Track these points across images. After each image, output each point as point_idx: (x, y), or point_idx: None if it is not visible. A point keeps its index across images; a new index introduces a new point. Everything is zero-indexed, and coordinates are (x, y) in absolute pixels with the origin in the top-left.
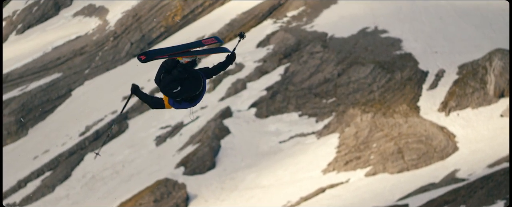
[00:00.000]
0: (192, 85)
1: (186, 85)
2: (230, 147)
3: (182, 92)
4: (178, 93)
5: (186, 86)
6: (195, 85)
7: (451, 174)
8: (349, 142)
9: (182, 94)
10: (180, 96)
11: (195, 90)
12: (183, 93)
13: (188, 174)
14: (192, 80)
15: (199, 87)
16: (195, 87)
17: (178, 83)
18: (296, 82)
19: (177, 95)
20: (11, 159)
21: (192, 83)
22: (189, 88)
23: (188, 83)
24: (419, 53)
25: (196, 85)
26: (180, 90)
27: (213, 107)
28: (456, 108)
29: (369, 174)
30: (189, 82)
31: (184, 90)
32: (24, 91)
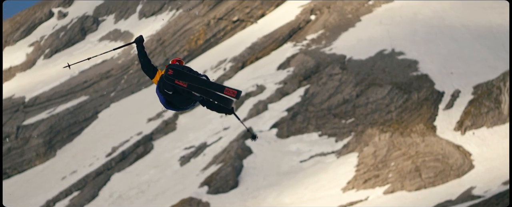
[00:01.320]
0: (181, 101)
1: (177, 98)
2: (252, 167)
3: (170, 97)
4: (166, 95)
5: (176, 98)
6: (183, 103)
7: (467, 191)
8: (367, 161)
9: (169, 97)
10: (166, 98)
11: (180, 105)
12: (170, 98)
13: (212, 193)
14: (185, 99)
15: (184, 106)
16: (182, 104)
17: (173, 91)
18: (316, 103)
19: (164, 94)
20: (40, 179)
21: (183, 101)
22: (177, 101)
23: (180, 97)
24: (435, 74)
25: (184, 103)
26: (169, 95)
27: (236, 128)
28: (472, 127)
29: (387, 192)
30: (181, 97)
31: (172, 98)
32: (52, 113)
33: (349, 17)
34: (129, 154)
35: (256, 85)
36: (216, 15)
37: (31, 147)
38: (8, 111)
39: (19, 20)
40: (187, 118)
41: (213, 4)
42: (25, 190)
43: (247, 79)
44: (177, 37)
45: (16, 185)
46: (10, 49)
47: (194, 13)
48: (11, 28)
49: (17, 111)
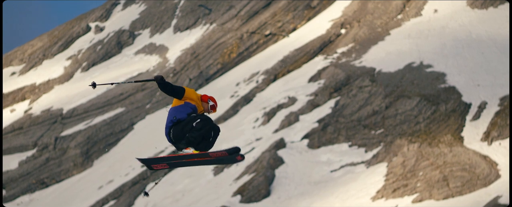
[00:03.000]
0: (180, 137)
1: (179, 137)
2: (284, 176)
3: (172, 136)
4: (169, 132)
5: (179, 137)
6: (179, 137)
7: (493, 200)
8: (396, 171)
9: (170, 135)
10: (169, 133)
11: (176, 140)
12: (172, 136)
13: (245, 202)
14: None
15: (179, 144)
16: (178, 139)
17: (181, 136)
18: (346, 114)
19: (168, 132)
20: (77, 189)
21: (181, 140)
22: (176, 137)
23: (182, 138)
24: (463, 86)
25: (178, 138)
26: (173, 133)
27: (268, 138)
28: (498, 137)
29: (416, 201)
30: (183, 138)
31: (173, 134)
32: (89, 125)
33: (379, 30)
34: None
35: (288, 97)
36: (249, 29)
37: (69, 157)
38: (47, 122)
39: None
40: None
41: (246, 19)
42: (63, 199)
43: (279, 91)
44: (211, 51)
45: (54, 195)
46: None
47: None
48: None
49: (55, 123)
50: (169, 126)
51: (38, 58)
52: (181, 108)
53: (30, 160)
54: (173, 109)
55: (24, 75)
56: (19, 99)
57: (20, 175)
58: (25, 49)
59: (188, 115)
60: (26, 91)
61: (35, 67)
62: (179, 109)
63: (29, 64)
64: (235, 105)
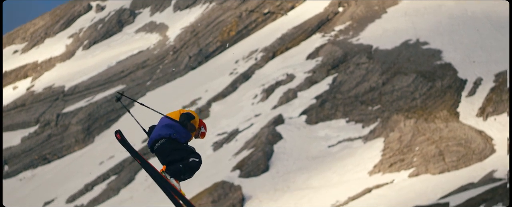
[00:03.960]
0: (165, 155)
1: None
2: (282, 152)
3: (157, 147)
4: (156, 140)
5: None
6: (165, 155)
7: (489, 174)
8: (393, 146)
9: (155, 145)
10: (155, 142)
11: (159, 154)
12: (157, 147)
13: (244, 176)
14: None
15: (159, 157)
16: (162, 155)
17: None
18: (343, 91)
19: (155, 140)
20: (79, 164)
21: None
22: (162, 152)
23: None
24: (458, 63)
25: (164, 155)
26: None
27: (266, 115)
28: (493, 113)
29: (412, 175)
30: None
31: (161, 147)
32: (90, 102)
33: (376, 9)
34: None
35: (286, 74)
36: (247, 8)
37: (71, 133)
38: (49, 99)
39: (59, 14)
40: (220, 105)
41: None
42: (64, 175)
43: (278, 69)
44: (210, 29)
45: (55, 170)
46: (50, 41)
47: None
48: (51, 21)
49: (57, 100)
50: (161, 137)
51: (40, 36)
52: (181, 131)
53: (33, 136)
54: (172, 123)
55: (26, 53)
56: (21, 77)
57: (22, 151)
58: (27, 28)
59: (185, 141)
60: (28, 68)
61: (37, 45)
62: (179, 130)
63: (31, 42)
64: (234, 82)
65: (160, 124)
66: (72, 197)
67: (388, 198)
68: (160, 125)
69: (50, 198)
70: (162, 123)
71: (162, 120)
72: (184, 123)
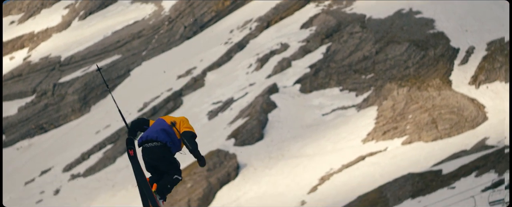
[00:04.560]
0: (151, 164)
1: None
2: (277, 120)
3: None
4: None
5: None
6: (151, 163)
7: (481, 141)
8: (386, 114)
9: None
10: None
11: (145, 158)
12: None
13: (239, 145)
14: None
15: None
16: (149, 162)
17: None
18: (337, 60)
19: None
20: (76, 133)
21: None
22: (151, 160)
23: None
24: (451, 31)
25: (151, 163)
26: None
27: (261, 83)
28: (486, 81)
29: (405, 143)
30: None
31: (148, 153)
32: (86, 71)
33: None
34: (160, 109)
35: (280, 43)
36: None
37: (67, 103)
38: (45, 69)
39: None
40: (215, 74)
41: None
42: (61, 144)
43: (272, 38)
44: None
45: (52, 139)
46: (46, 12)
47: None
48: None
49: (53, 70)
50: (157, 140)
51: (37, 7)
52: (176, 141)
53: (29, 106)
54: (170, 130)
55: (23, 23)
56: (18, 47)
57: (19, 121)
58: None
59: (175, 153)
60: (25, 39)
61: (33, 16)
62: (175, 140)
63: (28, 13)
64: (229, 51)
65: (158, 126)
66: (69, 166)
67: (382, 166)
68: (158, 127)
69: (47, 167)
70: (160, 125)
71: (160, 121)
72: (187, 146)
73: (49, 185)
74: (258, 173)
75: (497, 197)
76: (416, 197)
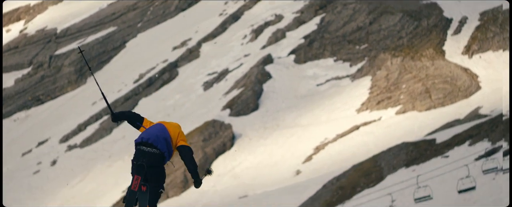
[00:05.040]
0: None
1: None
2: (272, 91)
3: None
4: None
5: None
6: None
7: (474, 111)
8: (380, 84)
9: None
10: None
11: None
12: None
13: (234, 115)
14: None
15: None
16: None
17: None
18: (331, 30)
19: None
20: (72, 105)
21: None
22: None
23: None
24: (444, 2)
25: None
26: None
27: (256, 54)
28: (479, 51)
29: (399, 112)
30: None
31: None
32: (82, 43)
33: None
34: (156, 80)
35: (275, 14)
36: None
37: (63, 75)
38: (41, 41)
39: None
40: (210, 46)
41: None
42: (58, 115)
43: (266, 9)
44: None
45: (49, 111)
46: None
47: None
48: None
49: (49, 42)
50: (157, 147)
51: None
52: (170, 150)
53: (26, 78)
54: (169, 141)
55: None
56: (14, 20)
57: (16, 93)
58: None
59: (164, 164)
60: (21, 11)
61: None
62: (170, 151)
63: None
64: (224, 23)
65: (160, 132)
66: (66, 137)
67: (376, 135)
68: (160, 133)
69: (43, 138)
70: (162, 132)
71: (161, 128)
72: (188, 164)
73: (46, 156)
74: (253, 143)
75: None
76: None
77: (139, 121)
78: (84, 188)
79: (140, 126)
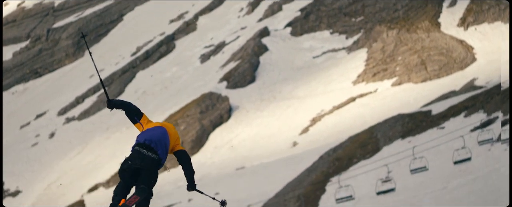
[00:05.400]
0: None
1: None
2: (268, 63)
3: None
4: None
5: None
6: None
7: (470, 82)
8: (376, 56)
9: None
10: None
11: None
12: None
13: (231, 87)
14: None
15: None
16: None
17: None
18: (327, 3)
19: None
20: (70, 78)
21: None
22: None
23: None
24: None
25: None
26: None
27: (252, 27)
28: (474, 23)
29: (395, 84)
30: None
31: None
32: (80, 17)
33: None
34: (153, 53)
35: None
36: None
37: (61, 48)
38: (39, 15)
39: None
40: (207, 18)
41: None
42: (55, 88)
43: None
44: None
45: (47, 84)
46: None
47: None
48: None
49: (47, 15)
50: (157, 153)
51: None
52: (166, 155)
53: (24, 51)
54: (167, 147)
55: None
56: None
57: (14, 66)
58: None
59: (158, 168)
60: None
61: None
62: (165, 158)
63: None
64: None
65: (161, 137)
66: (64, 110)
67: (372, 107)
68: (162, 139)
69: (42, 111)
70: (163, 137)
71: (163, 133)
72: (186, 169)
73: (44, 129)
74: (250, 115)
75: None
76: (406, 137)
77: (138, 116)
78: (82, 160)
79: (137, 122)
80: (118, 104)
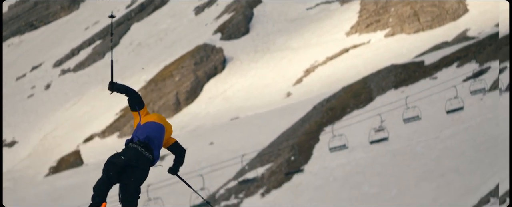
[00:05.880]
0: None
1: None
2: (262, 14)
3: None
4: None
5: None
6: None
7: (462, 33)
8: (369, 7)
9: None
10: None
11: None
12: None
13: (225, 39)
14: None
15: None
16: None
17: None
18: None
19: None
20: (65, 30)
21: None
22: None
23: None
24: None
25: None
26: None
27: None
28: None
29: (388, 35)
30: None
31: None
32: None
33: None
34: (148, 5)
35: None
36: None
37: (56, 0)
38: None
39: None
40: None
41: None
42: (51, 40)
43: None
44: None
45: (42, 36)
46: None
47: None
48: None
49: None
50: (152, 153)
51: None
52: (159, 153)
53: (19, 4)
54: (161, 147)
55: None
56: None
57: (10, 18)
58: None
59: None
60: None
61: None
62: (159, 153)
63: None
64: None
65: (157, 134)
66: (59, 61)
67: (365, 57)
68: (158, 137)
69: (37, 63)
70: (159, 134)
71: (159, 130)
72: (177, 160)
73: (40, 80)
74: (244, 66)
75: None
76: (399, 87)
77: (139, 106)
78: (77, 111)
79: (137, 111)
80: (121, 89)
